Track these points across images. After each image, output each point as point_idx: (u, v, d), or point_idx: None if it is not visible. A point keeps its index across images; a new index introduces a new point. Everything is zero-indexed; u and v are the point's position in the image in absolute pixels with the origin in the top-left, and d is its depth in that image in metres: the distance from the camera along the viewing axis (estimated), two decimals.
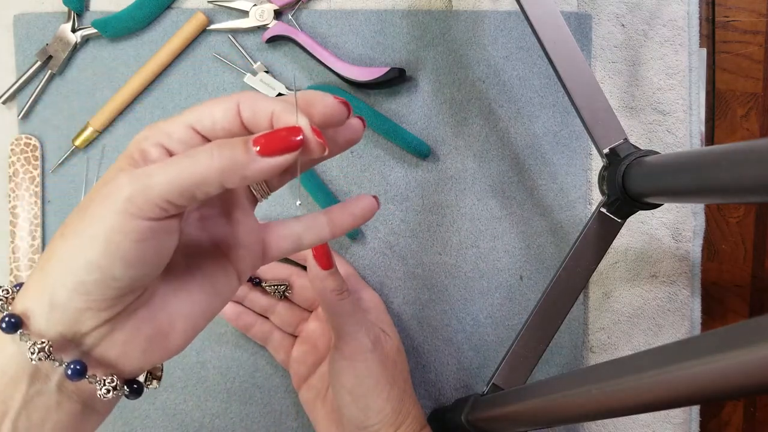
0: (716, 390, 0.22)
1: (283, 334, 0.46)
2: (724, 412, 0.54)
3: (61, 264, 0.25)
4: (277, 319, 0.46)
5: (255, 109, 0.26)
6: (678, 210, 0.51)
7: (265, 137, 0.25)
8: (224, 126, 0.26)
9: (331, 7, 0.51)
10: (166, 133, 0.26)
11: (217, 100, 0.27)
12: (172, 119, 0.27)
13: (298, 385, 0.46)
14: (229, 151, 0.24)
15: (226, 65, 0.50)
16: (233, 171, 0.24)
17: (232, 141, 0.25)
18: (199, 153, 0.24)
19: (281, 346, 0.46)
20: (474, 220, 0.50)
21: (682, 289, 0.51)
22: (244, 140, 0.25)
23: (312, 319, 0.46)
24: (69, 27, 0.49)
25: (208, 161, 0.24)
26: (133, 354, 0.27)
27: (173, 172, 0.24)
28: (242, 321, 0.45)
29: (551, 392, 0.32)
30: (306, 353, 0.45)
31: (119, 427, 0.49)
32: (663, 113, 0.51)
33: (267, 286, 0.45)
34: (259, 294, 0.46)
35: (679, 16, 0.51)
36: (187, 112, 0.27)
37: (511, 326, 0.50)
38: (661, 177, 0.36)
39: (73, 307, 0.25)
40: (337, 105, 0.27)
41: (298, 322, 0.46)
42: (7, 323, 0.24)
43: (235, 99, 0.27)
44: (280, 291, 0.46)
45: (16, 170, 0.49)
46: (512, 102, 0.51)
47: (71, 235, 0.25)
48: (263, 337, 0.46)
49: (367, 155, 0.50)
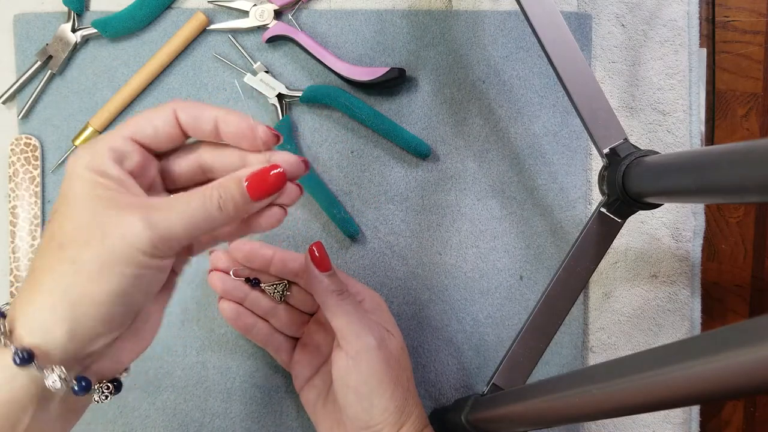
0: (716, 390, 0.22)
1: (284, 337, 0.46)
2: (724, 412, 0.54)
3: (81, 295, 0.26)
4: (278, 322, 0.45)
5: (195, 114, 0.30)
6: (678, 210, 0.51)
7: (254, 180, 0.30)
8: (167, 131, 0.30)
9: (331, 7, 0.51)
10: (110, 148, 0.29)
11: (153, 110, 0.30)
12: (111, 134, 0.30)
13: (300, 387, 0.45)
14: (231, 200, 0.29)
15: (226, 65, 0.50)
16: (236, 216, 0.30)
17: (230, 187, 0.29)
18: (207, 200, 0.29)
19: (283, 348, 0.46)
20: (474, 220, 0.50)
21: (682, 289, 0.51)
22: (240, 187, 0.29)
23: (313, 322, 0.46)
24: (69, 27, 0.49)
25: (217, 212, 0.29)
26: (125, 359, 0.31)
27: (189, 222, 0.28)
28: (242, 322, 0.45)
29: (551, 392, 0.32)
30: (308, 355, 0.45)
31: (119, 427, 0.49)
32: (663, 113, 0.51)
33: (266, 286, 0.45)
34: (260, 295, 0.45)
35: (679, 16, 0.51)
36: (124, 125, 0.30)
37: (511, 326, 0.50)
38: (661, 177, 0.36)
39: (94, 334, 0.27)
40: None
41: (300, 325, 0.46)
42: (21, 358, 0.26)
43: (171, 106, 0.30)
44: (278, 291, 0.45)
45: (16, 170, 0.49)
46: (512, 102, 0.51)
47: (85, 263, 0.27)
48: (264, 339, 0.45)
49: (367, 155, 0.50)
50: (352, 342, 0.39)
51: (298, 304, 0.46)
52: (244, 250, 0.43)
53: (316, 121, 0.51)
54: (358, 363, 0.39)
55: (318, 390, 0.44)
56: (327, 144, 0.50)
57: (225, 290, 0.44)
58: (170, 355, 0.50)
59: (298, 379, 0.45)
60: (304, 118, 0.51)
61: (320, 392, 0.44)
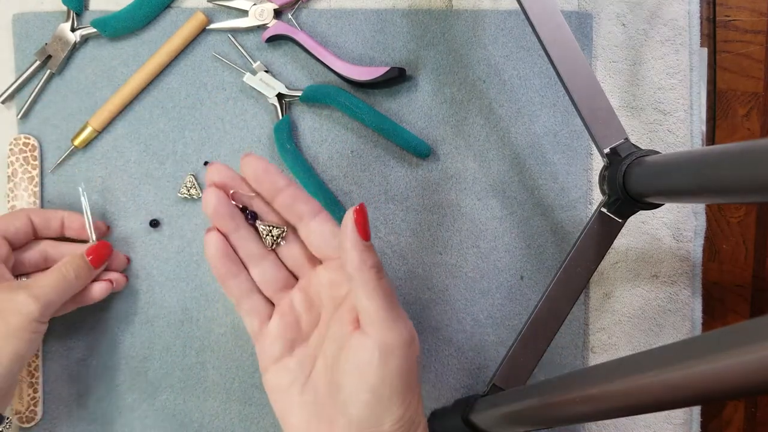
0: (717, 390, 0.22)
1: (263, 299, 0.37)
2: (725, 413, 0.54)
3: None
4: (261, 276, 0.37)
5: (46, 216, 0.46)
6: (679, 210, 0.50)
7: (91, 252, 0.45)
8: (24, 233, 0.45)
9: (331, 7, 0.51)
10: None
11: (11, 215, 0.45)
12: None
13: (266, 366, 0.37)
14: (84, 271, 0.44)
15: (225, 65, 0.50)
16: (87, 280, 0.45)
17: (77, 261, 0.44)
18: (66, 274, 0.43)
19: (257, 312, 0.37)
20: (474, 219, 0.50)
21: (683, 289, 0.50)
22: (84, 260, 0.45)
23: (298, 289, 0.38)
24: (68, 26, 0.49)
25: (74, 280, 0.43)
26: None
27: (59, 291, 0.42)
28: (226, 265, 0.36)
29: (551, 393, 0.32)
30: (284, 328, 0.37)
31: (118, 427, 0.49)
32: (664, 113, 0.51)
33: (261, 226, 0.37)
34: (251, 234, 0.37)
35: (679, 15, 0.51)
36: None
37: (511, 326, 0.50)
38: (662, 177, 0.36)
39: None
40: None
41: (282, 287, 0.38)
42: None
43: (26, 213, 0.45)
44: (273, 236, 0.37)
45: (14, 170, 0.49)
46: (513, 101, 0.51)
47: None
48: (241, 294, 0.37)
49: (367, 155, 0.50)
50: (384, 332, 0.32)
51: (288, 260, 0.38)
52: (259, 167, 0.35)
53: (315, 121, 0.50)
54: (385, 359, 0.32)
55: (293, 375, 0.36)
56: (327, 144, 0.50)
57: (217, 213, 0.35)
58: (169, 356, 0.49)
59: (265, 354, 0.37)
60: (303, 117, 0.50)
61: (296, 378, 0.36)
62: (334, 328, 0.35)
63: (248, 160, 0.35)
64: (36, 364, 0.49)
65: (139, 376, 0.49)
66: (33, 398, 0.48)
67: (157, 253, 0.50)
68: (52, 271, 0.43)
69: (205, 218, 0.50)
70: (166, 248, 0.50)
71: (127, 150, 0.50)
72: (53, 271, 0.43)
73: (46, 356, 0.49)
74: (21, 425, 0.48)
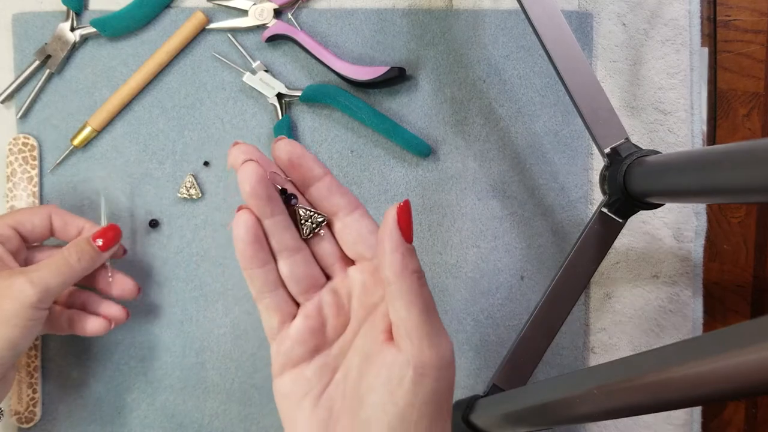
0: (718, 391, 0.22)
1: (287, 296, 0.33)
2: (725, 413, 0.54)
3: None
4: (288, 271, 0.32)
5: (67, 220, 0.45)
6: (679, 210, 0.50)
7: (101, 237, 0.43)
8: (41, 230, 0.44)
9: (330, 6, 0.51)
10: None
11: (33, 210, 0.44)
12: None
13: (280, 371, 0.33)
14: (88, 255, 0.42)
15: (225, 64, 0.50)
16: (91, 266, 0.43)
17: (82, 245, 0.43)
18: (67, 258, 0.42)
19: (280, 309, 0.33)
20: (475, 219, 0.50)
21: (683, 289, 0.50)
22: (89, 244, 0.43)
23: (328, 291, 0.33)
24: (68, 26, 0.49)
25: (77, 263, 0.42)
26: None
27: (60, 276, 0.41)
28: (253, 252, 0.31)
29: (552, 393, 0.32)
30: (308, 333, 0.32)
31: (118, 427, 0.49)
32: (664, 113, 0.51)
33: (301, 209, 0.32)
34: (288, 222, 0.32)
35: (680, 15, 0.51)
36: (8, 216, 0.43)
37: (511, 326, 0.50)
38: (663, 177, 0.36)
39: None
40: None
41: (310, 286, 0.33)
42: None
43: (48, 210, 0.44)
44: (312, 224, 0.32)
45: (14, 170, 0.49)
46: (513, 101, 0.50)
47: None
48: (263, 286, 0.32)
49: (367, 155, 0.50)
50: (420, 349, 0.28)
51: (323, 255, 0.33)
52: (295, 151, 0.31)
53: (315, 121, 0.50)
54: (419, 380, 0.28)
55: (309, 385, 0.32)
56: (327, 143, 0.50)
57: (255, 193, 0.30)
58: (169, 356, 0.49)
59: (281, 357, 0.33)
60: (303, 117, 0.50)
61: (311, 389, 0.32)
62: (363, 337, 0.32)
63: (283, 143, 0.31)
64: (35, 364, 0.49)
65: (138, 376, 0.49)
66: (32, 399, 0.48)
67: (156, 253, 0.50)
68: (53, 256, 0.42)
69: (205, 218, 0.50)
70: (165, 248, 0.50)
71: (127, 150, 0.50)
72: (55, 256, 0.42)
73: (46, 356, 0.49)
74: (20, 426, 0.48)
